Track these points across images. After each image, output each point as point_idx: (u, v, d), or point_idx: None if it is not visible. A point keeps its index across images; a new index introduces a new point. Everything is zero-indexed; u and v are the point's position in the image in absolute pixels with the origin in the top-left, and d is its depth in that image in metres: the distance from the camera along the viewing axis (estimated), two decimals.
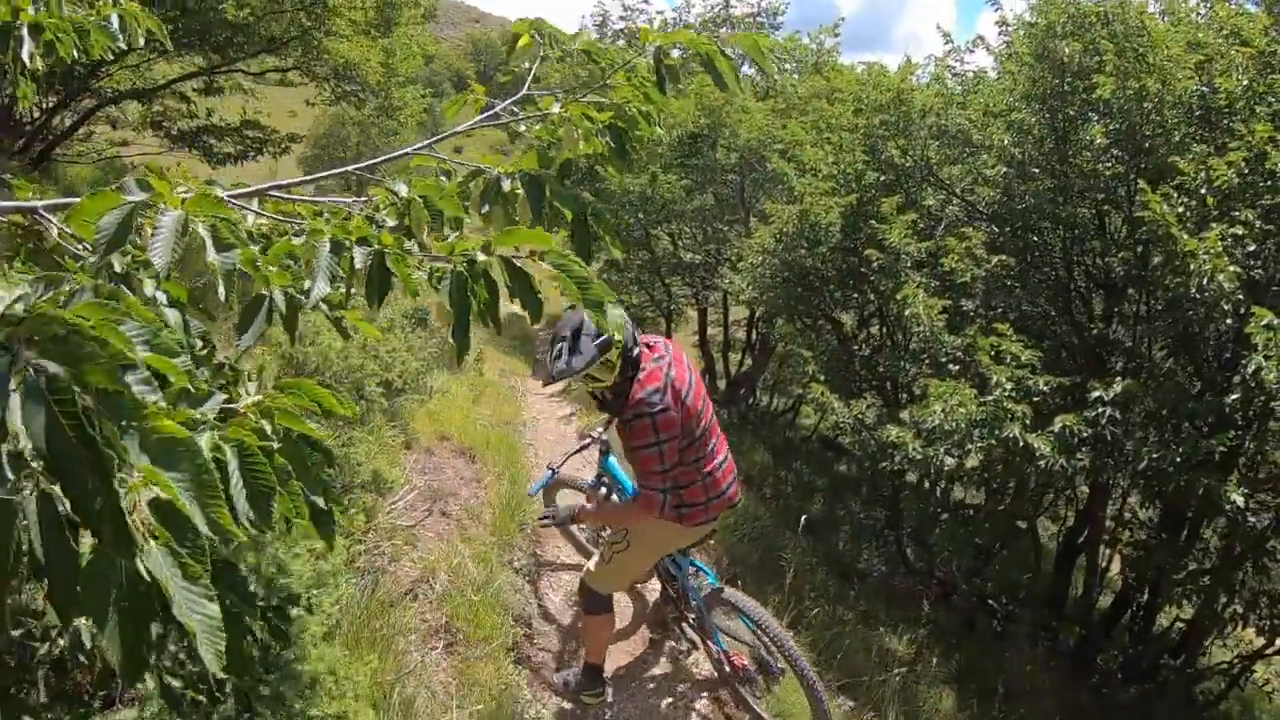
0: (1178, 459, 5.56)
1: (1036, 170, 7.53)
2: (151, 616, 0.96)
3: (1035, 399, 5.88)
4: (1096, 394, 5.81)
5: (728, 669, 4.18)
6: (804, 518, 6.45)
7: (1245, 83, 6.21)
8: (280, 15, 11.46)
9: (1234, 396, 5.62)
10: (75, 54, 2.24)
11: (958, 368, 6.57)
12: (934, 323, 6.71)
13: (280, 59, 12.77)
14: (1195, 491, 5.54)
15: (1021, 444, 5.65)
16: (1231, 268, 5.36)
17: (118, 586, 0.94)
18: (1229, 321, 5.84)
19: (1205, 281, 5.41)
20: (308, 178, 2.01)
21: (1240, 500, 5.25)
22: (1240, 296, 5.50)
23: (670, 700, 4.40)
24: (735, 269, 10.76)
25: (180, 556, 0.96)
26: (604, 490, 4.50)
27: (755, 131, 12.06)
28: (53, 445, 0.85)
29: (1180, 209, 5.82)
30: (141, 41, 2.50)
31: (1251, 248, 5.75)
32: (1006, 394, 5.83)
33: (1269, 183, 5.81)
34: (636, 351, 3.48)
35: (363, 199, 1.76)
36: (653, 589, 4.86)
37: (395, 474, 5.24)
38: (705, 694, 4.47)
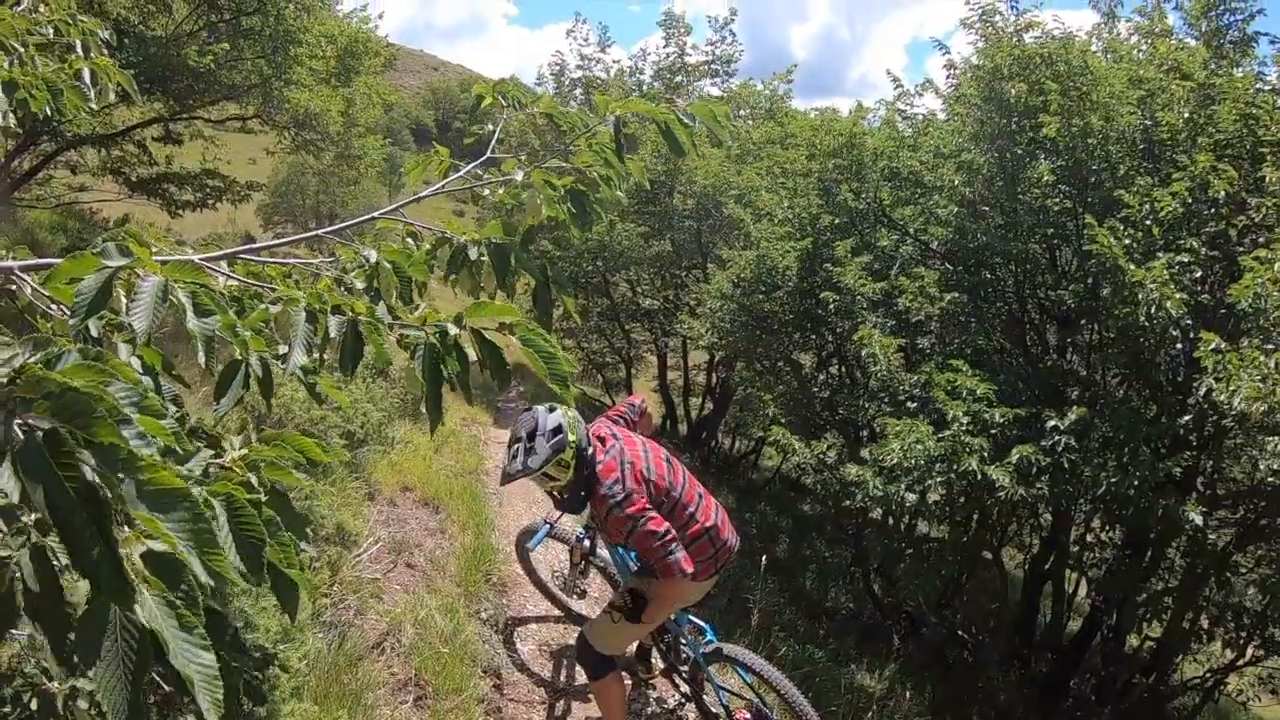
0: (1136, 482, 5.68)
1: (987, 208, 7.74)
2: (147, 666, 0.97)
3: (993, 432, 5.98)
4: (1052, 423, 5.92)
5: None
6: (763, 559, 6.46)
7: (1186, 115, 6.45)
8: (241, 63, 11.48)
9: (1188, 418, 5.77)
10: (48, 111, 2.24)
11: (916, 405, 6.67)
12: (891, 362, 6.82)
13: (241, 107, 12.75)
14: (1155, 513, 5.66)
15: (980, 476, 5.73)
16: (1179, 295, 5.54)
17: (111, 637, 0.95)
18: (1179, 346, 6.03)
19: (1154, 310, 5.58)
20: (278, 241, 2.03)
21: (1199, 519, 5.36)
22: (1189, 322, 5.68)
23: None
24: (694, 314, 10.87)
25: (175, 606, 0.98)
26: (588, 542, 4.51)
27: (711, 178, 12.24)
28: (50, 497, 0.86)
29: (1127, 240, 6.01)
30: (113, 97, 2.50)
31: (1198, 274, 5.95)
32: (963, 428, 5.92)
33: (1212, 210, 6.03)
34: (590, 451, 3.54)
35: (331, 258, 1.78)
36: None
37: (359, 526, 5.18)
38: None
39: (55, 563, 0.98)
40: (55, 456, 0.86)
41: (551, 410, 3.54)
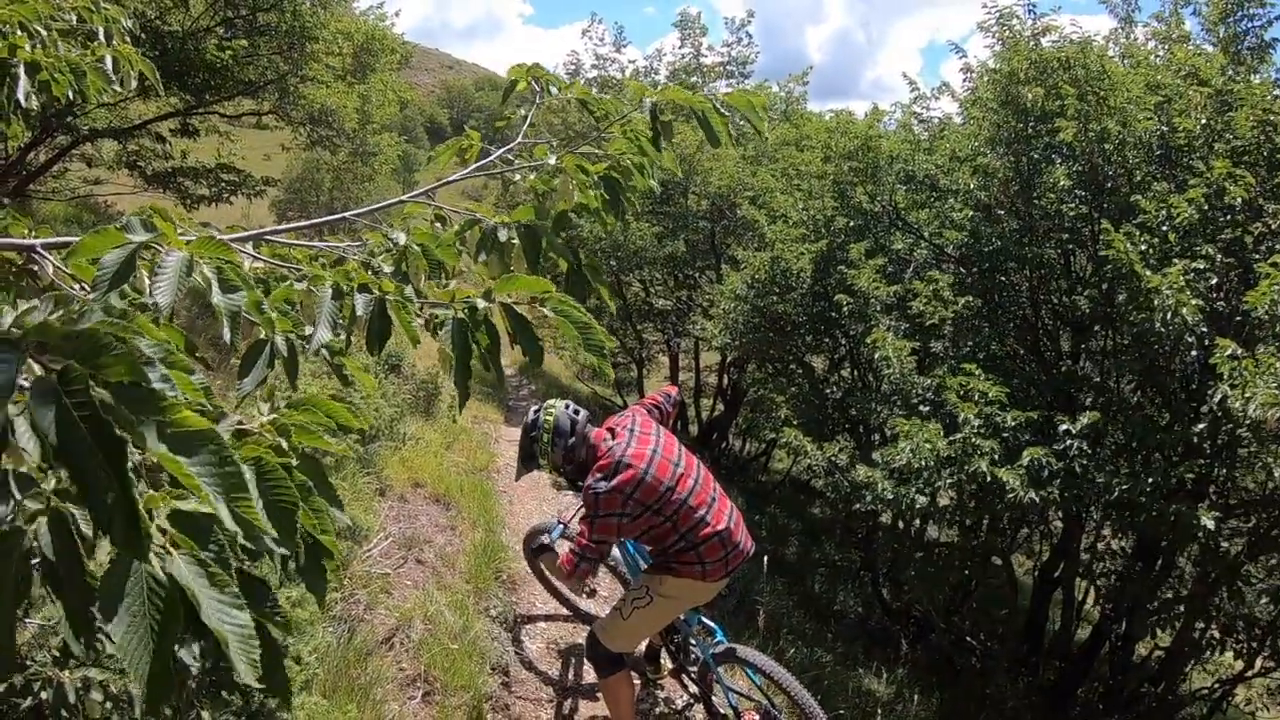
0: (1148, 488, 5.64)
1: (1002, 212, 7.70)
2: (177, 627, 0.94)
3: (1004, 435, 5.95)
4: (1064, 427, 5.89)
5: None
6: (765, 559, 6.44)
7: (1203, 121, 6.41)
8: (257, 59, 11.50)
9: (1201, 425, 5.73)
10: (70, 94, 2.23)
11: (929, 408, 6.64)
12: (904, 365, 6.79)
13: (257, 102, 12.78)
14: (1167, 520, 5.60)
15: (989, 478, 5.70)
16: (1194, 301, 5.51)
17: (138, 597, 0.92)
18: (1194, 353, 5.98)
19: (1169, 316, 5.55)
20: (305, 223, 2.02)
21: (1212, 525, 5.31)
22: (1204, 329, 5.64)
23: None
24: (707, 315, 10.86)
25: (206, 565, 0.95)
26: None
27: (726, 179, 12.22)
28: (63, 438, 0.82)
29: (1143, 246, 5.97)
30: (134, 84, 2.50)
31: (1213, 280, 5.91)
32: (975, 430, 5.89)
33: (1228, 217, 6.00)
34: (588, 449, 3.74)
35: (357, 244, 1.77)
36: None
37: (370, 521, 5.19)
38: None
39: (75, 530, 0.96)
40: (71, 395, 0.83)
41: (537, 410, 3.83)
